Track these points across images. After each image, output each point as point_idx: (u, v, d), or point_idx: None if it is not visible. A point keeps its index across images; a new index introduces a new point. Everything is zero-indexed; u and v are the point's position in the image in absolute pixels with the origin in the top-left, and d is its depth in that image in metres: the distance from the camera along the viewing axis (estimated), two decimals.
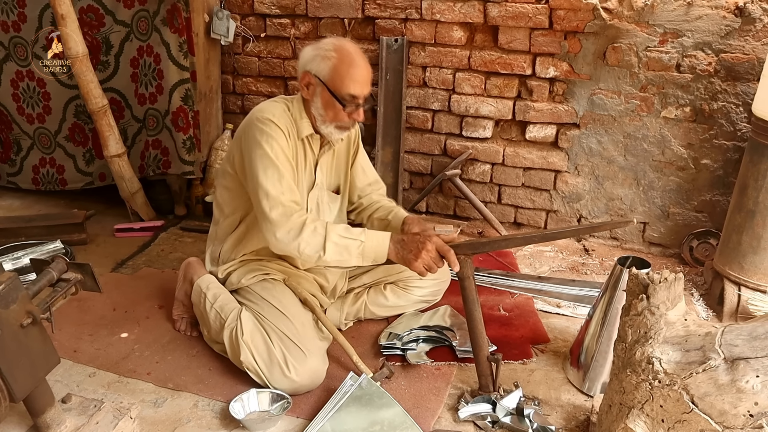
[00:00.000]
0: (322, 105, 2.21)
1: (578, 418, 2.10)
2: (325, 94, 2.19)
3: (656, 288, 1.65)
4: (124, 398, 2.11)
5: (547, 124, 3.28)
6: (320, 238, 2.10)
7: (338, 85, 2.16)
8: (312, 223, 2.12)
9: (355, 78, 2.16)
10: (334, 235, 2.11)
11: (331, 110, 2.20)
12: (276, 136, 2.18)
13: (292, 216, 2.12)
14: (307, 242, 2.11)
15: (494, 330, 2.52)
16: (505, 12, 3.12)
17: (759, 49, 2.80)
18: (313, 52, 2.21)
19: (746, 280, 2.63)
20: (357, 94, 2.17)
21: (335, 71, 2.16)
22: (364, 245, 2.12)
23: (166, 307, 2.70)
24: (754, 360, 1.48)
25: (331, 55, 2.17)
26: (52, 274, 1.77)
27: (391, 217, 2.46)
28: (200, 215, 3.68)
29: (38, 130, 3.74)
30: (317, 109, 2.23)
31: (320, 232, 2.11)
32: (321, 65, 2.18)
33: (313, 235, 2.11)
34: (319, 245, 2.10)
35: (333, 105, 2.19)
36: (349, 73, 2.15)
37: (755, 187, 2.55)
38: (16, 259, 3.03)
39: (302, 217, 2.13)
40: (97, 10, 3.34)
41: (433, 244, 2.08)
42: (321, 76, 2.18)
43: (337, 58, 2.16)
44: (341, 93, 2.16)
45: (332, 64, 2.16)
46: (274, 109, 2.24)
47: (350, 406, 2.06)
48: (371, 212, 2.55)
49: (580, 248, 3.35)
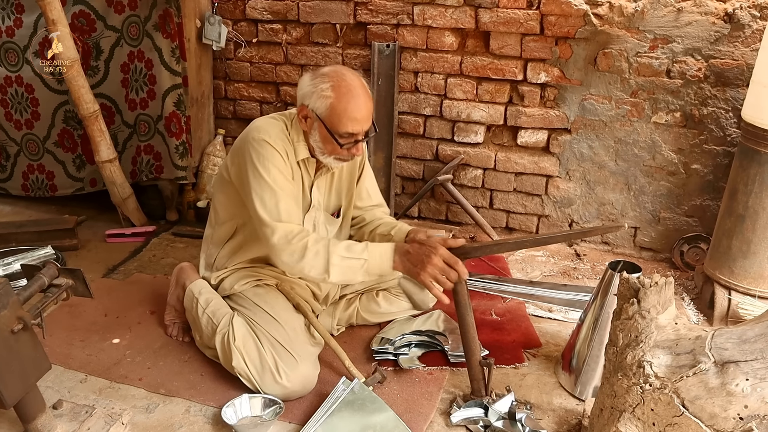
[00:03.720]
0: (320, 139, 2.16)
1: (570, 422, 2.10)
2: (322, 130, 2.13)
3: (647, 292, 1.66)
4: (116, 404, 2.11)
5: (539, 130, 3.30)
6: (323, 260, 2.07)
7: (335, 123, 2.10)
8: (314, 245, 2.08)
9: (352, 117, 2.09)
10: (336, 258, 2.07)
11: (329, 145, 2.15)
12: (272, 158, 2.14)
13: (292, 241, 2.09)
14: (311, 266, 2.09)
15: (486, 334, 2.52)
16: (496, 18, 3.14)
17: (748, 54, 2.83)
18: (310, 87, 2.12)
19: (736, 284, 2.64)
20: (355, 131, 2.12)
21: (332, 110, 2.08)
22: (367, 263, 2.08)
23: (158, 312, 2.69)
24: (744, 363, 1.49)
25: (328, 94, 2.08)
26: (43, 280, 1.76)
27: (394, 233, 2.38)
28: (192, 221, 3.67)
29: (26, 137, 3.72)
30: (315, 142, 2.18)
31: (322, 254, 2.07)
32: (318, 102, 2.10)
33: (316, 259, 2.07)
34: (322, 268, 2.08)
35: (330, 141, 2.13)
36: (347, 112, 2.08)
37: (745, 192, 2.57)
38: (7, 265, 3.01)
39: (303, 240, 2.09)
40: (88, 15, 3.33)
41: (440, 256, 2.01)
42: (318, 113, 2.11)
43: (334, 98, 2.08)
44: (338, 131, 2.10)
45: (329, 103, 2.08)
46: (271, 129, 2.19)
47: (342, 411, 2.06)
48: (373, 228, 2.49)
49: (571, 253, 3.36)
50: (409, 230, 2.34)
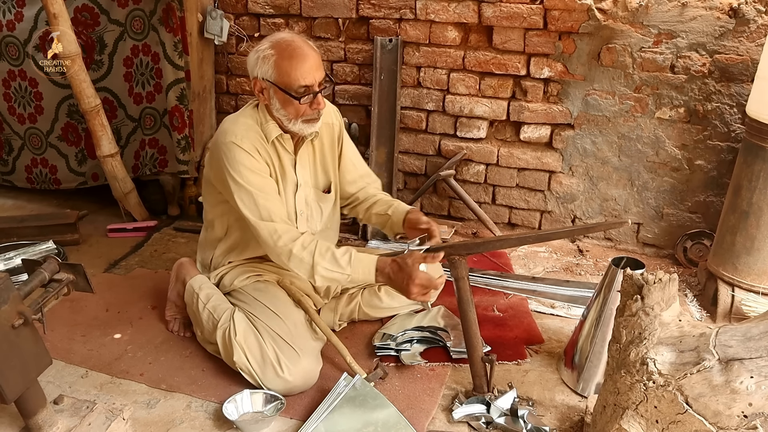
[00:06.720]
0: (281, 105, 2.17)
1: (572, 418, 2.10)
2: (278, 94, 2.14)
3: (651, 289, 1.65)
4: (117, 399, 2.11)
5: (542, 125, 3.29)
6: (308, 267, 2.13)
7: (286, 80, 2.11)
8: (300, 252, 2.12)
9: (299, 68, 2.10)
10: (321, 269, 2.12)
11: (290, 107, 2.16)
12: (240, 159, 2.16)
13: (278, 243, 2.15)
14: (297, 269, 2.15)
15: (488, 331, 2.51)
16: (499, 12, 3.12)
17: (753, 50, 2.81)
18: (254, 56, 2.16)
19: (740, 280, 2.63)
20: (308, 83, 2.12)
21: (278, 68, 2.11)
22: (351, 278, 2.14)
23: (159, 307, 2.69)
24: (749, 361, 1.48)
25: (269, 53, 2.11)
26: (44, 275, 1.76)
27: (391, 212, 2.41)
28: (193, 215, 3.67)
29: (29, 131, 3.72)
30: (278, 111, 2.19)
31: (307, 262, 2.12)
32: (264, 67, 2.13)
33: (300, 266, 2.14)
34: (308, 274, 2.15)
35: (290, 102, 2.14)
36: (292, 65, 2.10)
37: (749, 188, 2.56)
38: (8, 260, 3.02)
39: (288, 246, 2.13)
40: (92, 9, 3.33)
41: (417, 285, 2.06)
42: (268, 77, 2.13)
43: (276, 54, 2.11)
44: (293, 87, 2.11)
45: (273, 61, 2.11)
46: (237, 128, 2.21)
47: (344, 407, 2.05)
48: (368, 206, 2.51)
49: (574, 249, 3.35)
50: (407, 211, 2.38)
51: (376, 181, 2.62)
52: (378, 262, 2.14)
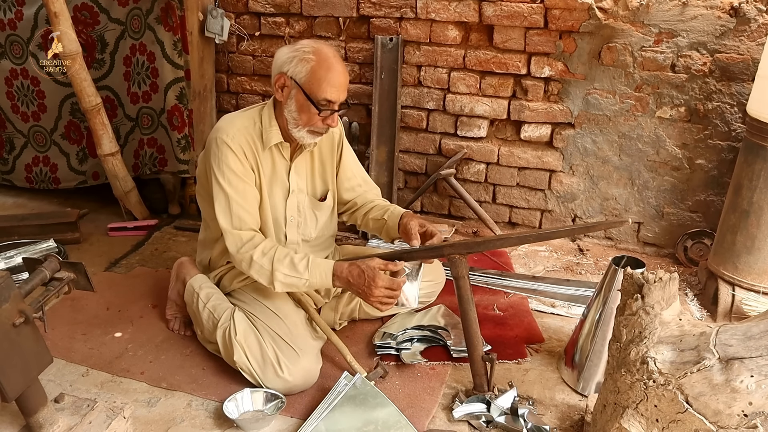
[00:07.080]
0: (297, 108, 2.15)
1: (573, 417, 2.10)
2: (300, 97, 2.13)
3: (651, 288, 1.65)
4: (118, 398, 2.10)
5: (542, 124, 3.28)
6: (267, 274, 2.14)
7: (315, 89, 2.11)
8: (260, 258, 2.14)
9: (332, 83, 2.11)
10: (280, 274, 2.13)
11: (305, 114, 2.15)
12: (226, 159, 2.17)
13: (240, 250, 2.17)
14: (258, 276, 2.17)
15: (489, 329, 2.51)
16: (500, 11, 3.12)
17: (754, 49, 2.81)
18: (290, 53, 2.14)
19: (740, 280, 2.63)
20: (333, 99, 2.13)
21: (313, 74, 2.10)
22: (309, 282, 2.15)
23: (160, 306, 2.69)
24: (749, 360, 1.48)
25: (310, 57, 2.11)
26: (44, 273, 1.76)
27: (387, 217, 2.41)
28: (194, 214, 3.67)
29: (33, 128, 3.73)
30: (291, 113, 2.17)
31: (267, 268, 2.14)
32: (298, 67, 2.12)
33: (261, 273, 2.16)
34: (267, 281, 2.16)
35: (308, 109, 2.13)
36: (327, 77, 2.10)
37: (750, 188, 2.56)
38: (9, 258, 3.01)
39: (248, 252, 2.15)
40: (91, 8, 3.33)
41: (380, 287, 2.08)
42: (297, 78, 2.12)
43: (315, 61, 2.10)
44: (317, 97, 2.11)
45: (310, 66, 2.10)
46: (232, 126, 2.21)
47: (344, 405, 2.06)
48: (366, 211, 2.51)
49: (574, 248, 3.35)
50: (402, 214, 2.38)
51: (375, 188, 2.61)
52: (335, 266, 2.15)
